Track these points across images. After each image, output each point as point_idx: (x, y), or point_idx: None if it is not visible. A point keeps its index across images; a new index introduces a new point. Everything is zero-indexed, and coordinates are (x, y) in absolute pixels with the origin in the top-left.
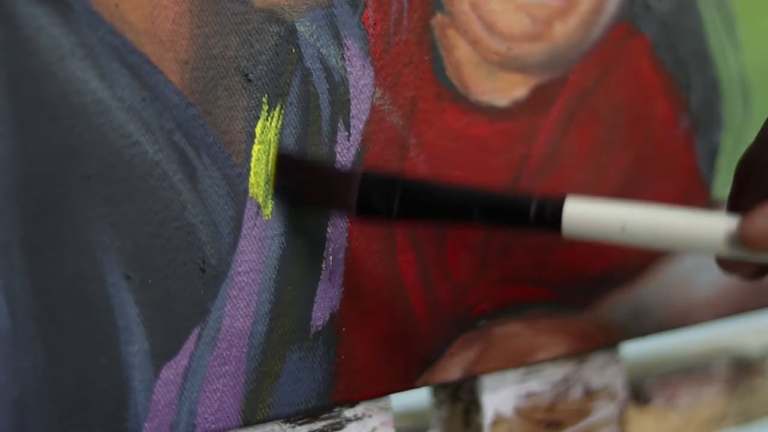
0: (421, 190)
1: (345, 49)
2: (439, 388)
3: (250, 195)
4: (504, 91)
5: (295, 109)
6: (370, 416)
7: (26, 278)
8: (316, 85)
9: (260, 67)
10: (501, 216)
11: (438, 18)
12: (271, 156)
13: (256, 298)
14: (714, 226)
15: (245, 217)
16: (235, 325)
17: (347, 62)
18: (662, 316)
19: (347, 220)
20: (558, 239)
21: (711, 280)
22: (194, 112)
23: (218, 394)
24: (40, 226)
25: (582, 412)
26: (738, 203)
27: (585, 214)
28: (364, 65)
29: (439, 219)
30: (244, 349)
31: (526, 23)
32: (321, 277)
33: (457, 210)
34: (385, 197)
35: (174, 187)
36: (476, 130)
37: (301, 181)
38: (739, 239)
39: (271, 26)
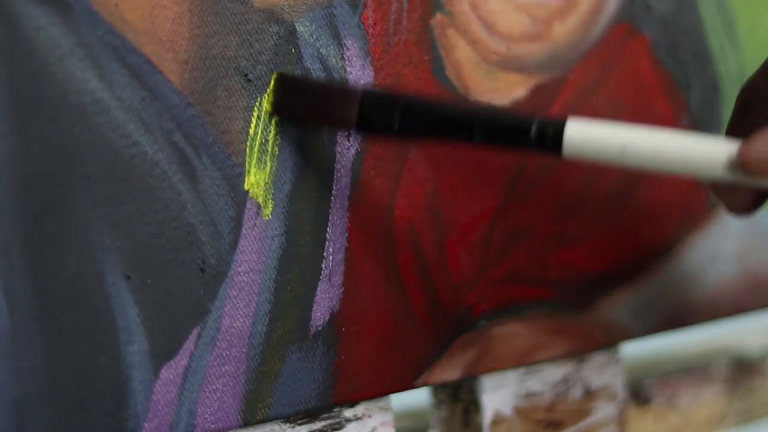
0: (422, 107)
1: (345, 49)
2: (439, 388)
3: (250, 195)
4: (504, 91)
5: None
6: (370, 416)
7: (26, 278)
8: None
9: (260, 67)
10: (502, 135)
11: (438, 18)
12: (270, 87)
13: (255, 298)
14: (714, 149)
15: (245, 217)
16: (234, 325)
17: (347, 62)
18: (662, 316)
19: (347, 199)
20: (558, 240)
21: (711, 280)
22: (194, 112)
23: (218, 394)
24: (40, 226)
25: (582, 412)
26: (739, 130)
27: (586, 134)
28: (363, 65)
29: (440, 136)
30: (243, 349)
31: (526, 23)
32: (321, 277)
33: (457, 127)
34: (386, 114)
35: (174, 187)
36: None
37: (301, 100)
38: (738, 163)
39: (270, 26)
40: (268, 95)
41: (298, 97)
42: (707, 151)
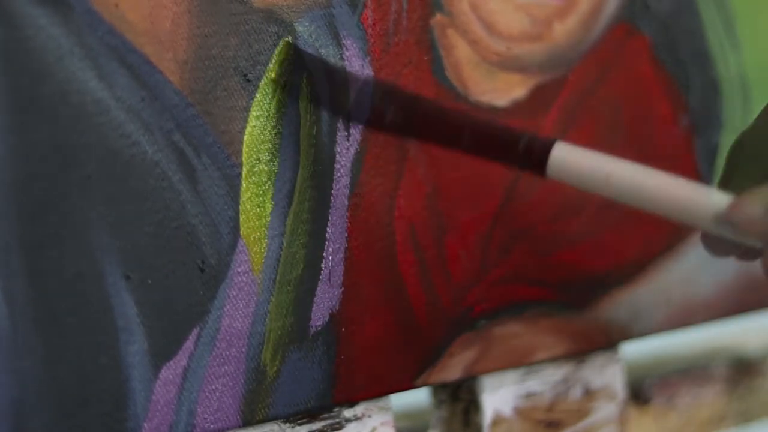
0: (416, 105)
1: (344, 49)
2: (439, 388)
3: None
4: (503, 91)
5: (294, 110)
6: (370, 416)
7: (26, 279)
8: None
9: (259, 67)
10: (490, 145)
11: (437, 18)
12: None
13: (255, 298)
14: (702, 197)
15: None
16: (234, 325)
17: (346, 62)
18: (662, 316)
19: (347, 204)
20: (558, 240)
21: (711, 280)
22: (193, 112)
23: (217, 394)
24: (40, 226)
25: (582, 412)
26: (728, 185)
27: (573, 157)
28: (363, 65)
29: (429, 137)
30: (243, 349)
31: (526, 23)
32: (321, 277)
33: (448, 132)
34: (380, 107)
35: (173, 187)
36: None
37: (304, 75)
38: (724, 219)
39: (270, 26)
40: (274, 64)
41: (302, 71)
42: (695, 198)
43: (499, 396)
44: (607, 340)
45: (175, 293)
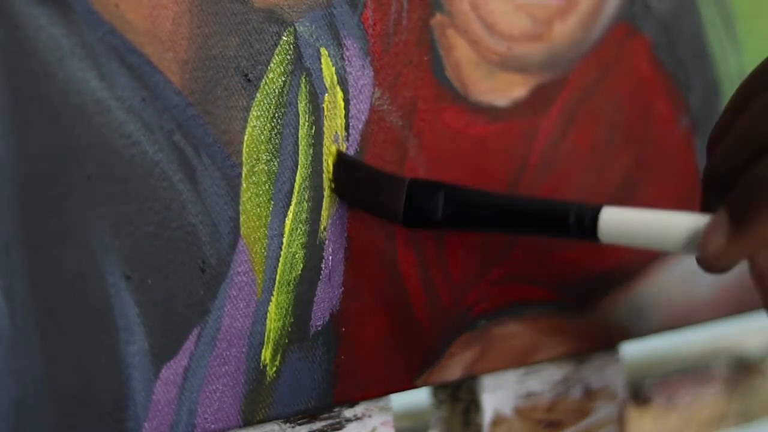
0: (464, 199)
1: (344, 49)
2: (439, 388)
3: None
4: (504, 91)
5: (294, 110)
6: (370, 416)
7: (26, 278)
8: (315, 85)
9: (260, 67)
10: (543, 225)
11: (437, 18)
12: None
13: (255, 298)
14: (680, 227)
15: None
16: (234, 325)
17: (346, 62)
18: (662, 316)
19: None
20: (558, 240)
21: (711, 280)
22: (194, 112)
23: (218, 394)
24: (40, 226)
25: (582, 412)
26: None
27: (621, 217)
28: (363, 65)
29: (482, 227)
30: (243, 349)
31: (526, 23)
32: (321, 277)
33: (501, 221)
34: (430, 205)
35: (174, 187)
36: (476, 131)
37: (356, 183)
38: (700, 259)
39: (270, 26)
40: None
41: (354, 179)
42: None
43: (499, 396)
44: (607, 340)
45: (175, 293)
